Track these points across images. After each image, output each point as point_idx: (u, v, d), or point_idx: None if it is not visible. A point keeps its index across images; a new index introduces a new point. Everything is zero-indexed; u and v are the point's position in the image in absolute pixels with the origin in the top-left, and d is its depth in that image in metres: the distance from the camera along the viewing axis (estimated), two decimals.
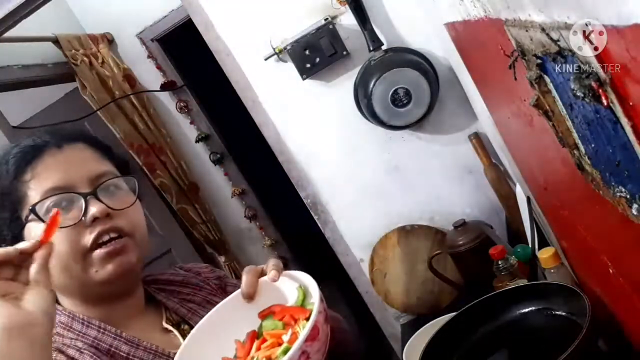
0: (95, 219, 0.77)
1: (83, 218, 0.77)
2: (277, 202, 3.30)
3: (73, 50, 2.46)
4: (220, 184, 3.00)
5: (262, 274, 0.79)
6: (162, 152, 2.75)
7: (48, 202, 0.76)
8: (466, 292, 1.54)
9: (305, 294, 0.75)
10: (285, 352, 0.64)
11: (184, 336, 0.84)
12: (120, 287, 0.83)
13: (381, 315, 1.85)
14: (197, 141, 2.91)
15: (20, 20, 1.70)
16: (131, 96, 2.68)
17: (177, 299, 0.92)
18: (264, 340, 0.72)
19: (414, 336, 1.33)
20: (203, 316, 0.80)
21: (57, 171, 0.78)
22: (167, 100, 2.89)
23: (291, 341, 0.67)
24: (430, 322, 1.33)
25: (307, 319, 0.68)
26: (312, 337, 0.63)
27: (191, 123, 2.91)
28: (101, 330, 0.80)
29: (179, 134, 2.92)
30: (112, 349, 0.79)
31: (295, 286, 0.77)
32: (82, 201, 0.77)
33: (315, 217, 1.80)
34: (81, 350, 0.77)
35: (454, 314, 1.05)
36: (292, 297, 0.76)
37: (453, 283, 1.55)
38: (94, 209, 0.77)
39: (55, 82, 2.57)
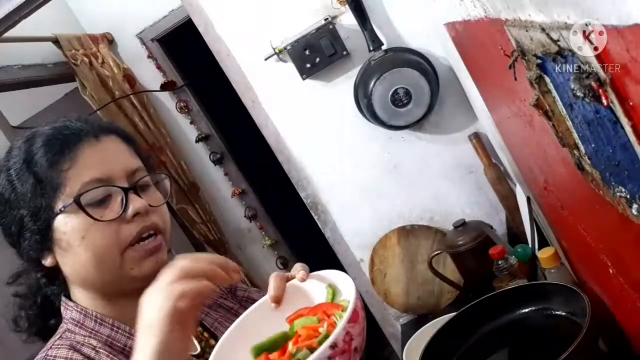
0: (136, 215, 0.76)
1: (123, 213, 0.76)
2: (277, 202, 3.30)
3: (73, 50, 2.46)
4: (220, 184, 3.00)
5: (289, 279, 0.77)
6: (162, 152, 2.74)
7: (90, 195, 0.74)
8: (466, 292, 1.54)
9: (334, 292, 0.72)
10: (325, 338, 0.61)
11: (195, 337, 0.84)
12: (146, 285, 0.84)
13: (381, 315, 1.85)
14: (197, 141, 2.91)
15: (20, 20, 1.70)
16: (131, 96, 2.68)
17: None
18: (299, 337, 0.68)
19: (414, 336, 1.33)
20: (214, 318, 0.78)
21: (96, 162, 0.76)
22: (167, 100, 2.88)
23: (329, 332, 0.63)
24: (430, 322, 1.33)
25: (342, 312, 0.65)
26: (353, 319, 0.60)
27: (191, 123, 2.90)
28: (114, 328, 0.79)
29: (179, 134, 2.92)
30: (127, 349, 0.77)
31: (323, 286, 0.74)
32: (122, 195, 0.76)
33: (315, 217, 1.80)
34: (96, 349, 0.76)
35: (454, 314, 1.05)
36: (320, 298, 0.74)
37: (453, 283, 1.55)
38: (136, 204, 0.76)
39: (55, 82, 2.57)
